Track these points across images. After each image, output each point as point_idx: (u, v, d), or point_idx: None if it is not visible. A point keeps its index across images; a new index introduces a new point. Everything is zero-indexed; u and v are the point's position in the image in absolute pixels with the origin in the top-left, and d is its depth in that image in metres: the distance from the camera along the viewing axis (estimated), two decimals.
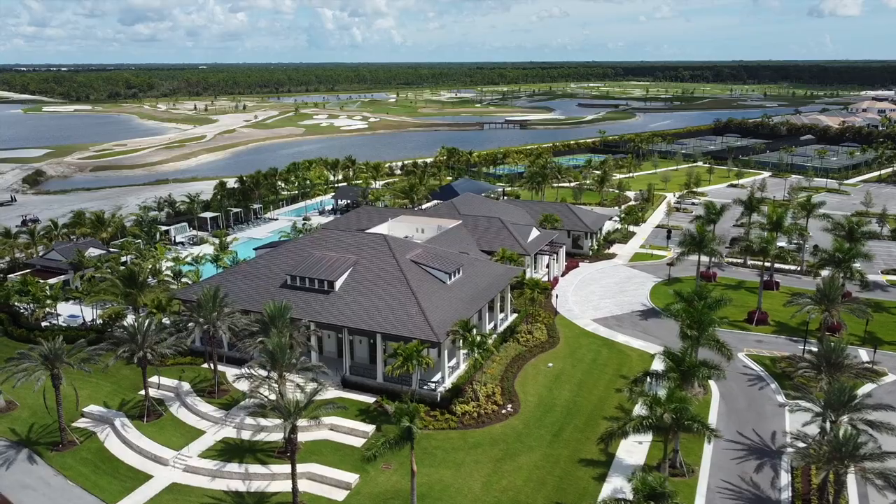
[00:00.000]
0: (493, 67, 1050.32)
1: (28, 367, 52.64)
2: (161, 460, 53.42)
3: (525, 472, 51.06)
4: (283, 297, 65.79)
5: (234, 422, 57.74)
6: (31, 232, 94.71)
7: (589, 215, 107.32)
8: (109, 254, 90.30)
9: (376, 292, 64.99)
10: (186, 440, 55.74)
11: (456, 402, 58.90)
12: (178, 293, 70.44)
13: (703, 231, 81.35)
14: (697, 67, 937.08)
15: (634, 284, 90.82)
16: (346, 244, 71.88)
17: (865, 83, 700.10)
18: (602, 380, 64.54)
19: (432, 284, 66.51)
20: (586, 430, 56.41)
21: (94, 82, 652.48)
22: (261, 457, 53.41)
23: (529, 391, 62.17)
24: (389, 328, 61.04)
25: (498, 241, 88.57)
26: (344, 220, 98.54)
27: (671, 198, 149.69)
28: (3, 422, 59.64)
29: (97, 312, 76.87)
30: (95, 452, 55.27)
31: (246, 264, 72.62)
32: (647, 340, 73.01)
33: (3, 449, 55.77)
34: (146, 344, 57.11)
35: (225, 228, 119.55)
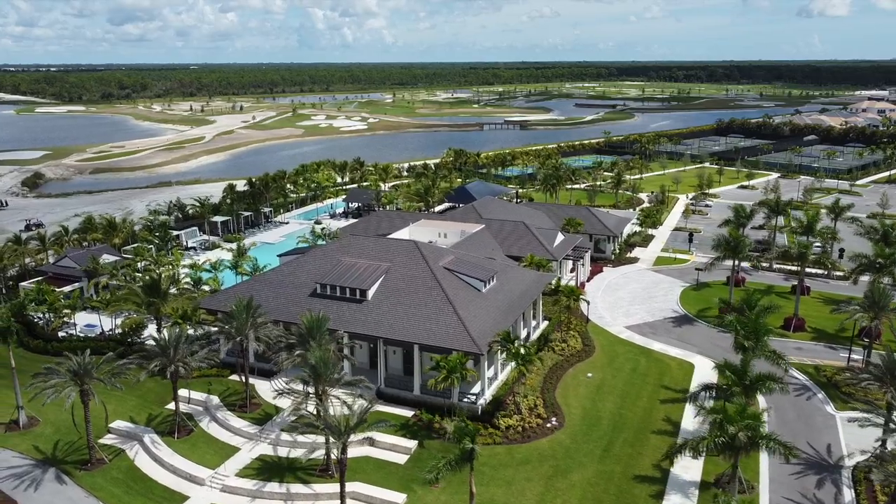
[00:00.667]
0: (486, 67, 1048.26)
1: (57, 384, 50.21)
2: (197, 480, 51.14)
3: (579, 489, 49.09)
4: (313, 307, 63.74)
5: (270, 438, 55.52)
6: (41, 238, 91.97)
7: (610, 218, 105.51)
8: (123, 260, 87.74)
9: (411, 301, 62.87)
10: (221, 458, 53.46)
11: (498, 416, 56.87)
12: (202, 302, 68.07)
13: (738, 236, 79.54)
14: (691, 67, 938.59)
15: (662, 290, 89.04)
16: (375, 251, 69.74)
17: (858, 83, 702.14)
18: (645, 391, 62.64)
19: (468, 293, 64.45)
20: (636, 444, 54.49)
21: (87, 83, 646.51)
22: (302, 475, 51.21)
23: (572, 403, 60.20)
24: (427, 339, 58.93)
25: (523, 245, 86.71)
26: (362, 225, 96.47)
27: (684, 199, 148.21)
28: (26, 439, 57.17)
29: (116, 322, 74.38)
30: (126, 471, 52.94)
31: (272, 272, 70.34)
32: (684, 348, 71.16)
33: (29, 468, 53.35)
34: (177, 357, 54.75)
35: (237, 232, 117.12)
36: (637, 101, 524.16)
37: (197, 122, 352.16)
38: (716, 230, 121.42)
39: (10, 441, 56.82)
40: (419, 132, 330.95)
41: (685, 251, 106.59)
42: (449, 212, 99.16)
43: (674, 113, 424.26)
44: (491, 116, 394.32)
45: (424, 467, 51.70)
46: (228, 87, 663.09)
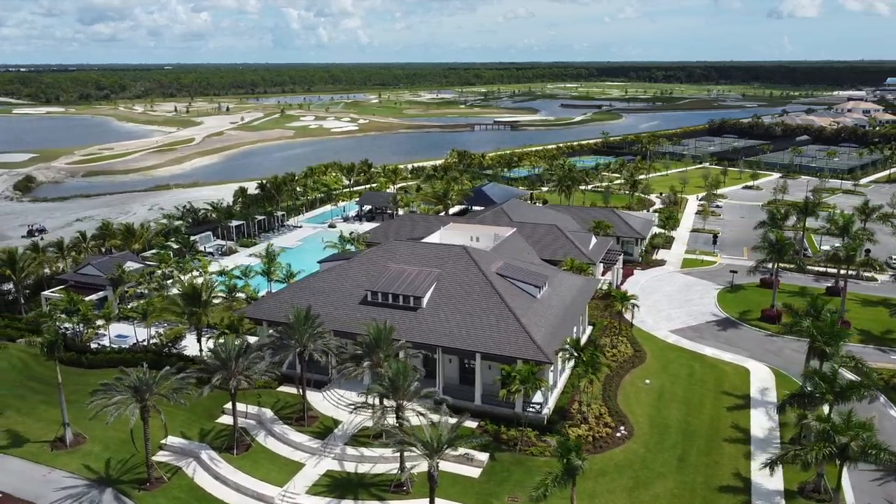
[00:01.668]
0: (467, 68, 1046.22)
1: (120, 401, 47.83)
2: (265, 498, 49.11)
3: (665, 501, 47.92)
4: (365, 315, 62.01)
5: (334, 452, 53.61)
6: (59, 245, 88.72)
7: (636, 220, 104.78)
8: (147, 267, 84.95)
9: (468, 308, 61.28)
10: (286, 474, 51.46)
11: (565, 426, 55.55)
12: (247, 311, 65.81)
13: (783, 238, 79.06)
14: (670, 68, 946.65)
15: (697, 292, 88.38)
16: (423, 257, 68.04)
17: (833, 83, 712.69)
18: (707, 397, 61.68)
19: (523, 299, 63.02)
20: (711, 453, 53.45)
21: (63, 83, 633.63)
22: (375, 492, 49.41)
23: (637, 411, 59.04)
24: (491, 348, 57.38)
25: (557, 249, 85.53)
26: (392, 228, 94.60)
27: (694, 200, 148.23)
28: (75, 458, 54.66)
29: (151, 332, 71.76)
30: (188, 490, 50.73)
31: (314, 279, 68.23)
32: (735, 353, 70.39)
33: (85, 489, 50.94)
34: (238, 370, 52.60)
35: (251, 237, 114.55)
36: (621, 101, 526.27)
37: (183, 123, 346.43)
38: (734, 231, 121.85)
39: (59, 460, 54.30)
40: (410, 133, 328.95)
41: (710, 253, 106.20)
42: (479, 215, 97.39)
43: (660, 113, 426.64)
44: (479, 117, 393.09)
45: (498, 480, 50.59)
46: (209, 87, 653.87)
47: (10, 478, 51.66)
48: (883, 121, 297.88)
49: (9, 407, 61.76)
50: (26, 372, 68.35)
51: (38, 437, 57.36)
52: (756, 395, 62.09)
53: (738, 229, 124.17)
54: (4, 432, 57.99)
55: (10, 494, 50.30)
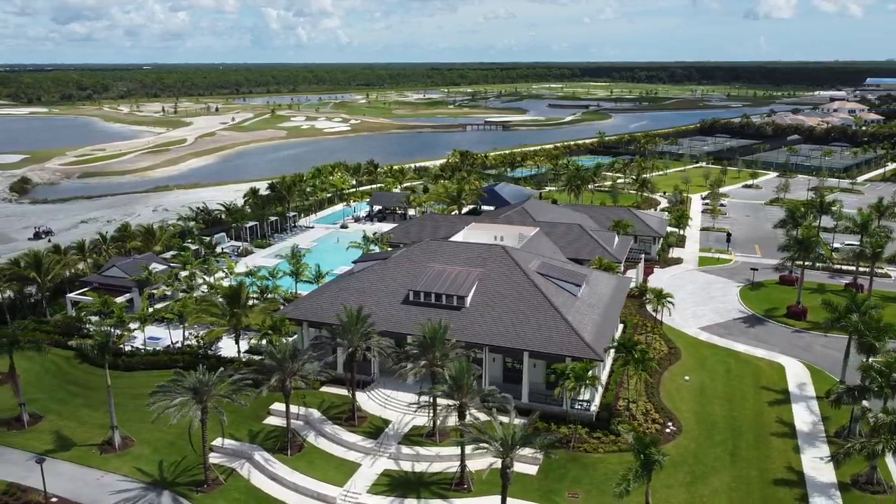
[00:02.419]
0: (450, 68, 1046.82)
1: (182, 402, 47.59)
2: (326, 498, 49.15)
3: (724, 495, 48.64)
4: (409, 315, 62.27)
5: (389, 451, 53.71)
6: (80, 246, 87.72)
7: (652, 219, 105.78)
8: (171, 269, 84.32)
9: (512, 307, 61.65)
10: (344, 474, 51.50)
11: (614, 422, 56.09)
12: (288, 312, 65.61)
13: (809, 235, 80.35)
14: (652, 68, 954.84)
15: (718, 290, 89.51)
16: (461, 256, 68.34)
17: (812, 84, 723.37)
18: (747, 393, 62.59)
19: (565, 298, 63.49)
20: (760, 447, 54.30)
21: (43, 83, 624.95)
22: (436, 490, 49.62)
23: (681, 407, 59.78)
24: (539, 346, 57.80)
25: (581, 248, 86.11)
26: (416, 227, 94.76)
27: (698, 199, 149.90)
28: (126, 461, 54.25)
29: (184, 334, 71.31)
30: (245, 492, 50.60)
31: (351, 279, 68.19)
32: (767, 349, 71.42)
33: (141, 492, 50.61)
34: (293, 370, 52.54)
35: (266, 238, 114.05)
36: (607, 101, 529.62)
37: (173, 123, 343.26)
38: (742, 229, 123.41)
39: (110, 463, 53.87)
40: (402, 133, 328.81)
41: (724, 251, 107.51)
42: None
43: (647, 113, 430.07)
44: (468, 117, 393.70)
45: (556, 477, 50.99)
46: (193, 87, 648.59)
47: (62, 481, 51.11)
48: (868, 120, 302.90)
49: (50, 411, 61.16)
50: (60, 375, 67.64)
51: (84, 440, 56.85)
52: (794, 390, 63.13)
53: (745, 228, 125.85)
54: (50, 436, 57.46)
55: (65, 498, 49.83)
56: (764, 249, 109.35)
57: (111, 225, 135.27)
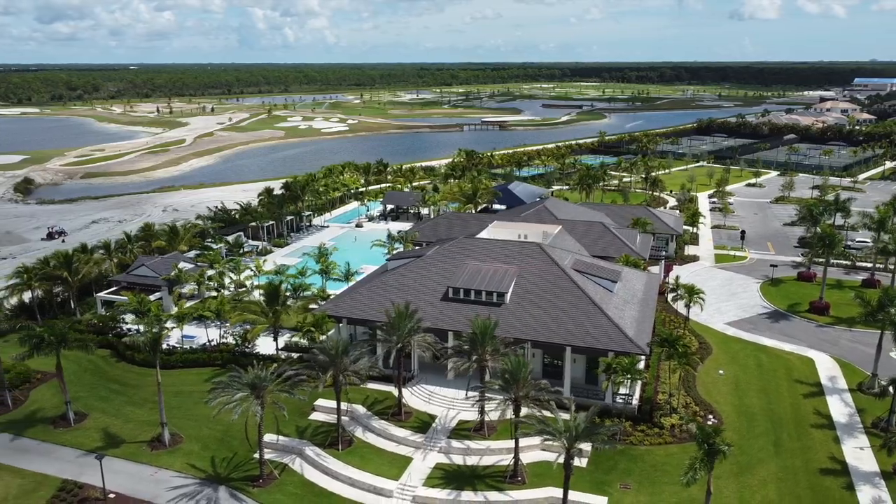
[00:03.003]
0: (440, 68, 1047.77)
1: (242, 398, 48.14)
2: (383, 492, 49.82)
3: (772, 485, 49.77)
4: (448, 311, 63.09)
5: (439, 446, 54.47)
6: (106, 246, 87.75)
7: (668, 217, 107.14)
8: (199, 268, 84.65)
9: (552, 303, 62.59)
10: (398, 468, 52.22)
11: (656, 415, 57.14)
12: (328, 310, 66.17)
13: (833, 232, 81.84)
14: (642, 68, 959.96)
15: (739, 286, 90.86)
16: (497, 253, 69.25)
17: (800, 84, 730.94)
18: (781, 386, 63.83)
19: (603, 294, 64.55)
20: (801, 438, 55.48)
21: (32, 83, 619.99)
22: (491, 483, 50.42)
23: (719, 400, 60.93)
24: (581, 341, 58.79)
25: (605, 245, 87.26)
26: (443, 226, 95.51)
27: (704, 198, 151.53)
28: (177, 457, 54.67)
29: (221, 332, 71.74)
30: (301, 486, 51.20)
31: (391, 276, 68.84)
32: (794, 344, 72.72)
33: (198, 487, 51.07)
34: (345, 366, 53.19)
35: (283, 237, 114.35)
36: (601, 101, 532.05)
37: (169, 124, 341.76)
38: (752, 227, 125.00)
39: (162, 460, 54.27)
40: (400, 133, 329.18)
41: (738, 248, 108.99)
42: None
43: (641, 113, 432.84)
44: (463, 117, 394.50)
45: (605, 469, 51.90)
46: (184, 88, 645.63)
47: (116, 478, 51.41)
48: (861, 120, 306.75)
49: (94, 409, 61.42)
50: (99, 374, 67.85)
51: (132, 437, 57.20)
52: (826, 382, 64.45)
53: (755, 225, 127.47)
54: (97, 433, 57.76)
55: (122, 494, 50.24)
56: (776, 247, 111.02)
57: (123, 225, 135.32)
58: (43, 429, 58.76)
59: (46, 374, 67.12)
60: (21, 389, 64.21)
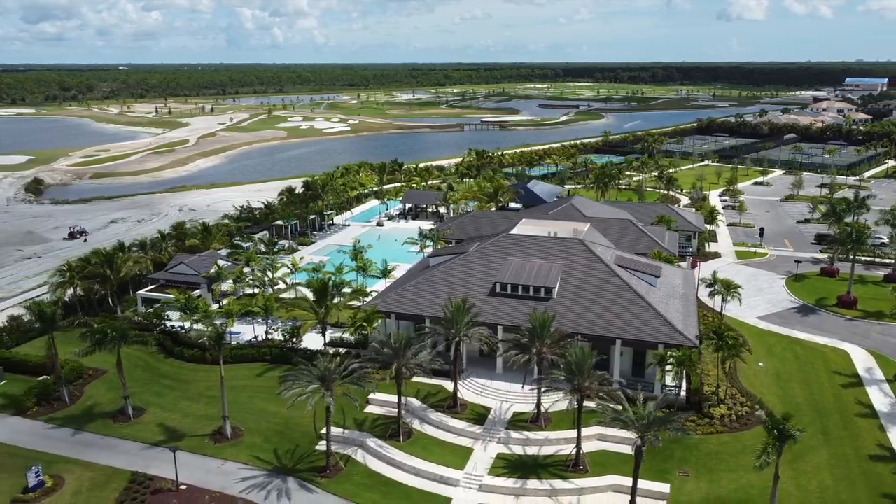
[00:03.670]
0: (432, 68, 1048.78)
1: (315, 390, 49.30)
2: (449, 481, 51.10)
3: (826, 471, 51.42)
4: (497, 306, 64.41)
5: (498, 436, 55.80)
6: (142, 244, 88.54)
7: (689, 215, 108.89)
8: (236, 265, 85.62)
9: (598, 298, 64.07)
10: (461, 458, 53.52)
11: (705, 405, 58.68)
12: (378, 305, 67.34)
13: (861, 228, 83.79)
14: (634, 69, 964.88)
15: (764, 281, 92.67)
16: (540, 250, 70.72)
17: (791, 84, 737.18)
18: (821, 377, 65.59)
19: (646, 288, 66.10)
20: (848, 427, 57.22)
21: (25, 84, 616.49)
22: (554, 472, 51.82)
23: (763, 391, 62.57)
24: (631, 334, 60.30)
25: (633, 242, 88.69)
26: (472, 224, 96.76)
27: (714, 196, 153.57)
28: (240, 449, 55.75)
29: (268, 328, 72.76)
30: (368, 476, 52.41)
31: (436, 272, 70.09)
32: (827, 337, 74.49)
33: (266, 478, 52.21)
34: (407, 359, 54.43)
35: (307, 236, 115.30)
36: (596, 101, 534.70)
37: (169, 124, 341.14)
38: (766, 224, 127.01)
39: (226, 452, 55.35)
40: (402, 133, 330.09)
41: (758, 245, 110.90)
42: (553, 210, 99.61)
43: (638, 113, 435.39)
44: (461, 117, 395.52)
45: (663, 458, 53.28)
46: (178, 88, 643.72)
47: (184, 470, 52.28)
48: (858, 119, 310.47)
49: (150, 404, 62.37)
50: (149, 370, 68.71)
51: (193, 431, 58.20)
52: (864, 374, 66.27)
53: (768, 223, 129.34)
54: (158, 428, 58.72)
55: (193, 485, 51.27)
56: (793, 244, 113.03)
57: (141, 225, 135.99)
58: (103, 423, 59.71)
59: (98, 370, 68.11)
60: (75, 385, 65.01)
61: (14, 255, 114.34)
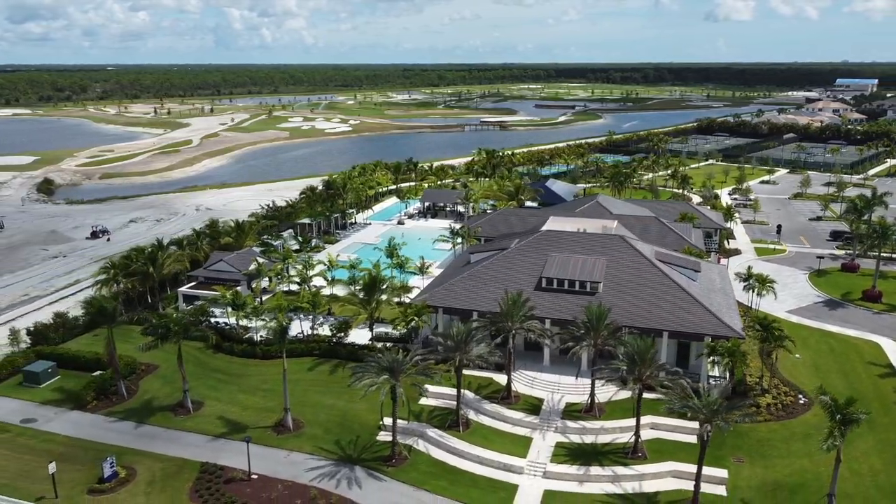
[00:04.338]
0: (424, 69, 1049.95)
1: (385, 380, 50.79)
2: (514, 469, 52.70)
3: (875, 456, 53.43)
4: (544, 300, 66.00)
5: (555, 426, 57.45)
6: (178, 243, 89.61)
7: (710, 212, 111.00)
8: (273, 262, 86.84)
9: (642, 292, 65.86)
10: (521, 447, 55.15)
11: (750, 395, 60.55)
12: (428, 299, 68.82)
13: (886, 224, 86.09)
14: (626, 69, 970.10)
15: (788, 277, 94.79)
16: (581, 245, 72.40)
17: (781, 84, 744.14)
18: (857, 368, 67.68)
19: (688, 282, 67.91)
20: (889, 414, 59.29)
21: (18, 84, 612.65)
22: (614, 458, 53.52)
23: (803, 381, 64.50)
24: (679, 326, 62.12)
25: (662, 239, 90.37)
26: (501, 222, 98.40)
27: (724, 194, 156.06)
28: (303, 440, 57.14)
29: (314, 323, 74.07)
30: (433, 465, 53.92)
31: (481, 268, 71.62)
32: (856, 329, 76.67)
33: (334, 467, 53.62)
34: (467, 351, 55.98)
35: (331, 234, 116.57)
36: (592, 102, 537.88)
37: (169, 125, 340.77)
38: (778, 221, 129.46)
39: (291, 443, 56.69)
40: (404, 133, 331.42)
41: (775, 242, 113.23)
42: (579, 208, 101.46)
43: (634, 113, 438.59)
44: (459, 118, 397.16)
45: (716, 445, 54.74)
46: (172, 89, 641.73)
47: (252, 460, 53.58)
48: (853, 119, 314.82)
49: (207, 397, 63.56)
50: (200, 364, 69.78)
51: (254, 423, 59.47)
52: None
53: (781, 221, 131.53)
54: (219, 420, 59.94)
55: (264, 475, 52.56)
56: (808, 240, 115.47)
57: (161, 224, 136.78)
58: (164, 416, 60.86)
59: (149, 365, 69.22)
60: (130, 380, 66.09)
61: (40, 255, 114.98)
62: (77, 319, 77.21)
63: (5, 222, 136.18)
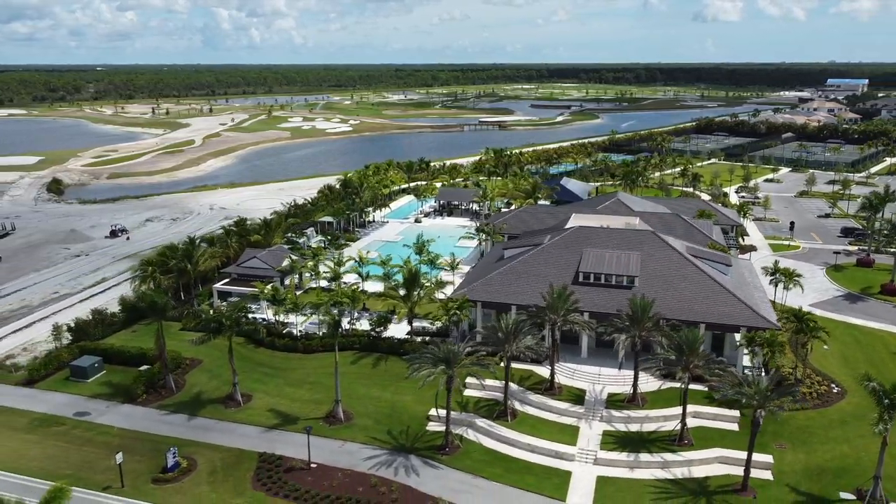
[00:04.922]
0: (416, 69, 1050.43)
1: (443, 371, 52.26)
2: (565, 456, 54.30)
3: None
4: (583, 293, 67.59)
5: (600, 415, 59.08)
6: (210, 240, 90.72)
7: (726, 209, 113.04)
8: (304, 259, 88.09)
9: (677, 285, 67.62)
10: (569, 435, 56.74)
11: (789, 385, 62.34)
12: (469, 293, 70.28)
13: None
14: (619, 69, 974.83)
15: (805, 272, 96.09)
16: (615, 241, 74.09)
17: (772, 84, 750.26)
18: (885, 358, 69.74)
19: (721, 276, 69.74)
20: None
21: (10, 84, 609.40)
22: (662, 445, 55.20)
23: (835, 371, 66.50)
24: (716, 318, 63.94)
25: (683, 235, 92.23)
26: (525, 220, 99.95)
27: (731, 192, 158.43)
28: (355, 431, 58.57)
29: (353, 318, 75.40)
30: (486, 453, 55.45)
31: (518, 263, 73.17)
32: (879, 322, 78.79)
33: (389, 456, 55.04)
34: (516, 343, 57.52)
35: (351, 232, 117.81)
36: (587, 101, 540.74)
37: (169, 125, 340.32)
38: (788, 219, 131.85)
39: (343, 433, 58.09)
40: (404, 133, 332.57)
41: (789, 238, 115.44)
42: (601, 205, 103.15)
43: (631, 113, 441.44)
44: (457, 118, 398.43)
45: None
46: (166, 89, 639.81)
47: (306, 450, 54.86)
48: (848, 119, 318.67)
49: (254, 391, 64.80)
50: (244, 359, 70.72)
51: (304, 414, 60.77)
52: None
53: (791, 218, 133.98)
54: (270, 412, 61.21)
55: (323, 464, 53.89)
56: (819, 237, 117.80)
57: (177, 223, 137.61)
58: (214, 409, 62.08)
59: (193, 360, 70.36)
60: (176, 374, 67.19)
61: (61, 254, 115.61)
62: (115, 316, 78.18)
63: (19, 222, 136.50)
